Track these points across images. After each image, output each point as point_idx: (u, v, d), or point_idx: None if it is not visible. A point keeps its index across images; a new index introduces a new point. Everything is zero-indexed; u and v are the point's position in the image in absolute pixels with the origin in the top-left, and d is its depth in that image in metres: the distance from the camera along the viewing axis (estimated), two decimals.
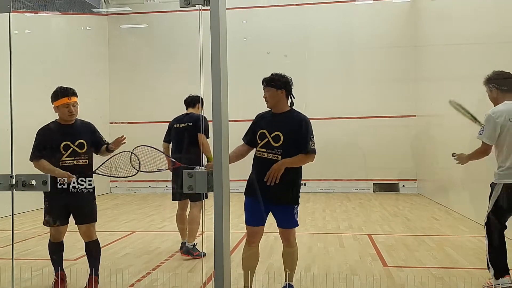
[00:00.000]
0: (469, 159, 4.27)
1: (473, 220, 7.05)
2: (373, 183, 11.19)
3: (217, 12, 2.14)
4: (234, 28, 11.14)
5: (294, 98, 3.88)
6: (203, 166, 3.99)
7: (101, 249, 5.73)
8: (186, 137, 5.29)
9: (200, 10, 2.27)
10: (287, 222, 3.79)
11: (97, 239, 4.26)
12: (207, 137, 5.13)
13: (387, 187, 11.16)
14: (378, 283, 4.27)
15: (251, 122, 4.02)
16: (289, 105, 3.85)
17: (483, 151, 4.16)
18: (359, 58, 11.33)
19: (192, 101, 5.51)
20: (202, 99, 5.37)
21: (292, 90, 3.87)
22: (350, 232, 6.64)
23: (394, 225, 6.98)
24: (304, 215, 8.22)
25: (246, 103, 11.60)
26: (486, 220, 4.00)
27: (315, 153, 3.86)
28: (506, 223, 3.96)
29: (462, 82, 7.87)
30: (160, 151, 5.02)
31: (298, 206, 3.81)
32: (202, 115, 5.38)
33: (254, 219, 3.81)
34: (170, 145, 5.55)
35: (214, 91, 2.17)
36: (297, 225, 3.83)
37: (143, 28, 12.47)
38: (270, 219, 3.84)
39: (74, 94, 4.24)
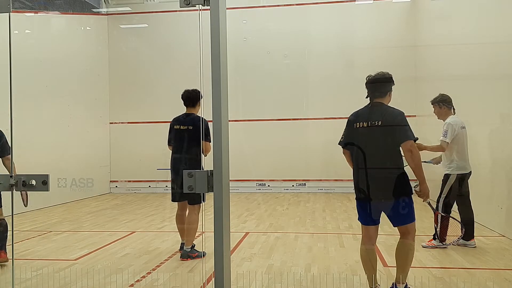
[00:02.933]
0: (425, 149, 5.24)
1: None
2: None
3: (217, 12, 2.14)
4: (234, 28, 11.14)
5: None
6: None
7: (101, 249, 5.76)
8: (186, 140, 5.24)
9: (200, 10, 2.27)
10: None
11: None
12: (210, 141, 5.02)
13: None
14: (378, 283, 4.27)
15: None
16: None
17: (442, 148, 5.38)
18: (359, 58, 11.32)
19: (192, 100, 5.31)
20: (200, 94, 5.31)
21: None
22: (350, 232, 6.64)
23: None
24: (304, 215, 8.22)
25: (246, 103, 11.66)
26: (442, 202, 5.44)
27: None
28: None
29: (462, 82, 7.87)
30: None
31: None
32: (202, 118, 5.28)
33: None
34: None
35: (214, 91, 2.17)
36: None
37: (143, 28, 12.47)
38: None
39: None
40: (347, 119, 3.97)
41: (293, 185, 11.57)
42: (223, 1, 2.17)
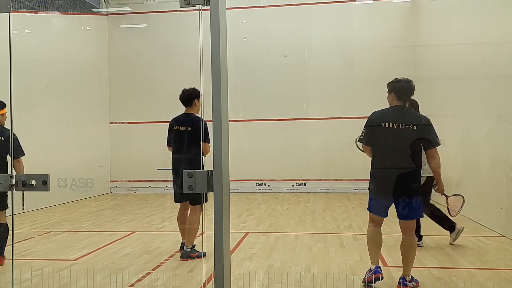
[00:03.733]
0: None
1: (473, 220, 7.05)
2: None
3: (217, 12, 2.14)
4: (234, 28, 11.14)
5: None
6: None
7: (101, 249, 5.76)
8: (186, 140, 5.24)
9: (200, 10, 2.27)
10: None
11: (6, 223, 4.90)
12: (209, 142, 5.02)
13: None
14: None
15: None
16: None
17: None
18: (359, 58, 11.32)
19: (189, 99, 5.30)
20: (199, 92, 5.31)
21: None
22: (350, 232, 6.63)
23: (394, 225, 6.91)
24: (304, 215, 8.22)
25: (246, 103, 11.66)
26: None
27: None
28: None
29: (462, 82, 7.87)
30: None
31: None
32: (202, 119, 5.27)
33: None
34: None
35: (214, 91, 2.17)
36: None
37: (143, 28, 12.46)
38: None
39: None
40: (368, 117, 4.21)
41: (293, 185, 11.57)
42: (223, 1, 2.17)
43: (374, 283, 4.07)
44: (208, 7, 2.17)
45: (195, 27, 2.44)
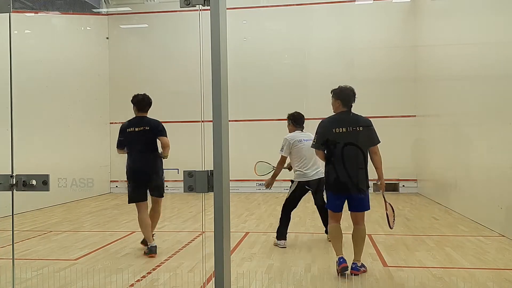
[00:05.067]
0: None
1: (473, 220, 7.05)
2: (373, 183, 11.14)
3: (217, 12, 2.15)
4: (234, 28, 11.11)
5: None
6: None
7: (101, 249, 5.76)
8: (144, 141, 5.39)
9: (200, 10, 2.28)
10: None
11: None
12: (166, 136, 5.42)
13: (387, 187, 10.91)
14: (378, 283, 4.27)
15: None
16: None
17: (280, 160, 6.17)
18: (359, 58, 11.32)
19: (149, 105, 5.64)
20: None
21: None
22: (350, 232, 6.62)
23: (394, 225, 6.97)
24: (304, 215, 8.22)
25: (246, 103, 11.66)
26: (285, 203, 5.97)
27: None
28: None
29: (462, 82, 7.87)
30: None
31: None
32: (155, 119, 5.58)
33: None
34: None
35: (214, 91, 2.17)
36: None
37: (143, 28, 12.46)
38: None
39: None
40: (319, 125, 4.73)
41: None
42: (223, 1, 2.18)
43: (343, 272, 4.43)
44: (208, 7, 2.17)
45: (195, 27, 2.45)
